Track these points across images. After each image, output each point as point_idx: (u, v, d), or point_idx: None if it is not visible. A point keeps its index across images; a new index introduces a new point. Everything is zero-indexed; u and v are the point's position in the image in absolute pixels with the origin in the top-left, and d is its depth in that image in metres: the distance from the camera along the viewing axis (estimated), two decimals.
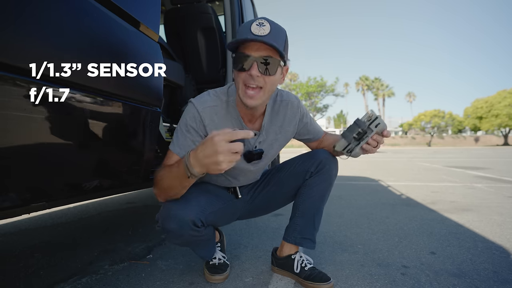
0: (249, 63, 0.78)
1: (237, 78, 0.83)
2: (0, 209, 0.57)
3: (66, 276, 1.10)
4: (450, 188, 3.13)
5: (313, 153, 1.10)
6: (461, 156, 10.17)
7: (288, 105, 1.01)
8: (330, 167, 1.07)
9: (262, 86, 0.81)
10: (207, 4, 1.98)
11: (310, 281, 1.01)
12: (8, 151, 0.55)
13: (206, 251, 1.07)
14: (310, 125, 1.10)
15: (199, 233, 0.91)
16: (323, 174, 1.06)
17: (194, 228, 0.88)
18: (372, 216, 1.97)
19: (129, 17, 0.82)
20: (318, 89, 32.76)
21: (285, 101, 1.01)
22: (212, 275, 1.05)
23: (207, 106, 0.90)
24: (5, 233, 1.67)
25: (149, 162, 1.00)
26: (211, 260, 1.11)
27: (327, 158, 1.07)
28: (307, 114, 1.08)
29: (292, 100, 1.02)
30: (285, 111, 1.01)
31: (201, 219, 0.90)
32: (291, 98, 1.02)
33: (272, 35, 0.76)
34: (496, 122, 31.59)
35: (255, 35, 0.75)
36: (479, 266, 1.15)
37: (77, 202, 1.01)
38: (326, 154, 1.08)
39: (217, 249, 1.17)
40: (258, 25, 0.76)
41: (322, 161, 1.06)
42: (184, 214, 0.86)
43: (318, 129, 1.13)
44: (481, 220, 1.83)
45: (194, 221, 0.87)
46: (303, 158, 1.11)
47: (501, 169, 5.27)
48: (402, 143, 39.66)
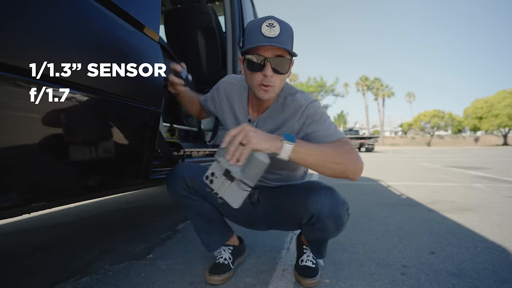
0: (263, 64, 0.82)
1: (251, 78, 0.87)
2: (0, 209, 0.57)
3: (66, 276, 1.10)
4: (449, 188, 3.13)
5: (307, 196, 0.90)
6: (461, 156, 10.17)
7: (292, 106, 0.94)
8: (325, 224, 0.89)
9: (274, 85, 0.86)
10: (207, 4, 1.98)
11: (298, 273, 1.06)
12: (8, 151, 0.55)
13: (209, 239, 1.13)
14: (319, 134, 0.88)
15: (190, 194, 1.04)
16: (318, 231, 0.94)
17: (184, 187, 1.03)
18: (372, 216, 1.97)
19: (130, 17, 0.82)
20: (318, 89, 32.80)
21: (293, 102, 0.93)
22: (210, 275, 1.05)
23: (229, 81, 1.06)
24: (5, 233, 1.67)
25: (149, 162, 1.00)
26: (217, 258, 1.12)
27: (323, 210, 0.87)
28: (319, 121, 0.89)
29: (299, 103, 0.92)
30: (288, 112, 0.95)
31: (192, 182, 1.02)
32: (299, 101, 0.92)
33: (282, 36, 0.80)
34: (495, 122, 31.63)
35: (266, 37, 0.79)
36: (479, 265, 1.15)
37: (77, 202, 1.01)
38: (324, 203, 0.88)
39: (227, 249, 1.15)
40: (268, 26, 0.79)
41: (315, 215, 0.89)
42: (181, 172, 1.04)
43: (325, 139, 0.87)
44: (481, 220, 1.84)
45: (185, 180, 1.02)
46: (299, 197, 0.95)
47: (501, 169, 5.28)
48: (401, 143, 39.70)
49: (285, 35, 0.81)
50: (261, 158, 0.72)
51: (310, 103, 0.91)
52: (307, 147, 0.77)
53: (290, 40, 0.83)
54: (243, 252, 1.24)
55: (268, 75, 0.82)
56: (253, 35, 0.81)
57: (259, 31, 0.80)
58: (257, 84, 0.85)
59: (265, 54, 0.81)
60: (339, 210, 0.89)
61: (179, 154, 1.37)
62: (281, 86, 0.90)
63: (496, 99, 32.25)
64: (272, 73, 0.83)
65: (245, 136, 0.72)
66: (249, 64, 0.84)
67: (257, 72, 0.84)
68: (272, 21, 0.80)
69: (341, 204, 0.90)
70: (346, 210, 0.93)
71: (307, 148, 0.77)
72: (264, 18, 0.81)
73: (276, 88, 0.87)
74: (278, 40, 0.79)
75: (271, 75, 0.83)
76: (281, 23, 0.81)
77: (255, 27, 0.81)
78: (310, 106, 0.91)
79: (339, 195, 0.92)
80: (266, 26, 0.79)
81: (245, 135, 0.72)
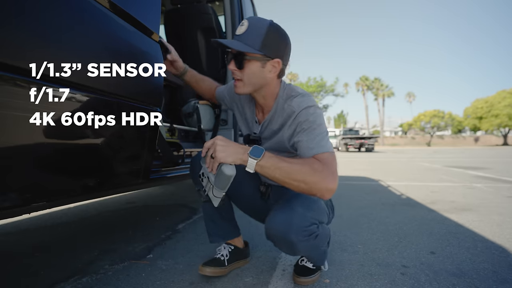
0: (228, 58, 0.91)
1: None
2: (0, 209, 0.57)
3: (66, 276, 1.10)
4: (449, 188, 3.13)
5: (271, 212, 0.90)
6: (461, 156, 10.17)
7: (287, 112, 0.94)
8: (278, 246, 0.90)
9: (241, 79, 0.91)
10: (207, 4, 1.98)
11: (294, 271, 1.07)
12: (8, 151, 0.55)
13: (214, 230, 1.15)
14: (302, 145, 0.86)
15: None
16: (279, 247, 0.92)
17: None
18: (372, 216, 1.97)
19: (130, 17, 0.82)
20: (318, 89, 32.80)
21: (289, 107, 0.93)
22: (202, 266, 1.07)
23: None
24: (5, 233, 1.67)
25: (149, 162, 1.00)
26: (215, 254, 1.14)
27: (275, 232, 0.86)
28: (307, 131, 0.86)
29: (292, 110, 0.92)
30: (284, 116, 0.95)
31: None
32: (293, 107, 0.92)
33: (246, 33, 0.86)
34: (496, 122, 31.59)
35: (236, 35, 0.88)
36: (479, 265, 1.15)
37: (77, 202, 1.01)
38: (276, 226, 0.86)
39: (227, 247, 1.16)
40: (240, 25, 0.88)
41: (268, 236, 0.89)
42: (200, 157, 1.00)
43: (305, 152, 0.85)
44: (481, 220, 1.84)
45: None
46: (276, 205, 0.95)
47: (501, 169, 5.28)
48: (402, 143, 39.67)
49: (251, 32, 0.85)
50: (226, 171, 0.78)
51: (302, 110, 0.89)
52: (272, 162, 0.78)
53: (259, 37, 0.85)
54: (245, 256, 1.22)
55: (230, 68, 0.90)
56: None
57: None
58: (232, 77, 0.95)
59: (232, 50, 0.89)
60: (291, 236, 0.84)
61: (179, 154, 1.37)
62: (253, 83, 0.92)
63: (496, 99, 32.22)
64: (234, 67, 0.89)
65: (214, 150, 0.79)
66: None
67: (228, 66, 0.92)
68: (244, 20, 0.87)
69: (296, 231, 0.84)
70: (308, 235, 0.87)
71: (271, 164, 0.78)
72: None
73: (245, 83, 0.91)
74: (241, 37, 0.86)
75: (234, 69, 0.90)
76: (253, 21, 0.86)
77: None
78: (302, 113, 0.89)
79: (299, 219, 0.85)
80: (240, 25, 0.88)
81: (214, 149, 0.79)
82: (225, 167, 0.78)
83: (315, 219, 0.91)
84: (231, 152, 0.79)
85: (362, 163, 7.10)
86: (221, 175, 0.78)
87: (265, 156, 0.78)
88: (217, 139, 0.80)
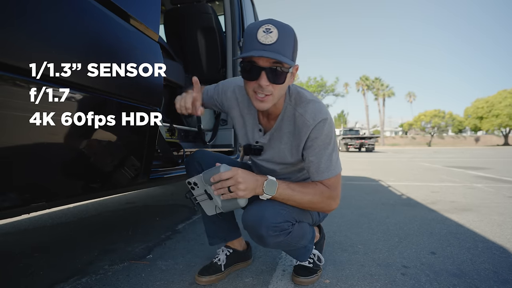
0: (258, 73, 0.76)
1: (246, 86, 0.83)
2: (0, 209, 0.57)
3: (66, 276, 1.10)
4: (450, 188, 3.13)
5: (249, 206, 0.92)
6: (461, 156, 10.17)
7: (300, 123, 0.89)
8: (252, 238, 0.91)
9: (271, 94, 0.80)
10: (207, 4, 1.98)
11: (293, 271, 1.08)
12: (8, 151, 0.55)
13: (212, 232, 1.13)
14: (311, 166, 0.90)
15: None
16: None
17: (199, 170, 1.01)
18: (372, 216, 1.97)
19: (130, 17, 0.81)
20: (318, 89, 32.80)
21: (302, 118, 0.89)
22: (197, 275, 1.06)
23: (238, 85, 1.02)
24: (5, 233, 1.67)
25: (149, 162, 1.00)
26: (213, 258, 1.12)
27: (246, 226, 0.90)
28: (318, 149, 0.88)
29: (306, 124, 0.88)
30: (297, 126, 0.90)
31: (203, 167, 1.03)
32: (307, 121, 0.87)
33: (279, 43, 0.73)
34: (496, 122, 31.59)
35: (262, 44, 0.73)
36: (479, 266, 1.15)
37: (77, 202, 1.01)
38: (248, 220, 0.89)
39: (225, 250, 1.14)
40: (265, 32, 0.73)
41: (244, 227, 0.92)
42: (197, 156, 1.06)
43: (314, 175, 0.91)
44: (481, 220, 1.83)
45: (201, 165, 1.04)
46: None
47: (501, 169, 5.27)
48: (402, 143, 39.69)
49: (284, 41, 0.74)
50: (241, 203, 0.83)
51: (317, 125, 0.86)
52: (284, 195, 0.87)
53: (290, 46, 0.76)
54: (246, 258, 1.20)
55: (263, 84, 0.76)
56: (249, 41, 0.75)
57: (255, 37, 0.73)
58: (252, 92, 0.81)
59: (259, 63, 0.75)
60: (262, 229, 0.85)
61: (179, 154, 1.37)
62: (281, 94, 0.83)
63: (497, 99, 32.20)
64: (268, 83, 0.77)
65: (234, 184, 0.80)
66: (243, 71, 0.79)
67: (252, 80, 0.79)
68: (269, 25, 0.73)
69: (267, 225, 0.85)
70: (279, 231, 0.87)
71: (283, 197, 0.87)
72: (262, 22, 0.75)
73: (274, 97, 0.81)
74: (274, 47, 0.73)
75: (267, 85, 0.77)
76: (280, 27, 0.74)
77: (252, 32, 0.75)
78: (317, 128, 0.86)
79: (272, 214, 0.86)
80: (262, 31, 0.73)
81: (235, 183, 0.79)
82: (241, 201, 0.83)
83: (291, 217, 0.91)
84: (250, 189, 0.82)
85: (362, 163, 7.09)
86: (234, 205, 0.83)
87: (278, 189, 0.85)
88: (238, 175, 0.80)
